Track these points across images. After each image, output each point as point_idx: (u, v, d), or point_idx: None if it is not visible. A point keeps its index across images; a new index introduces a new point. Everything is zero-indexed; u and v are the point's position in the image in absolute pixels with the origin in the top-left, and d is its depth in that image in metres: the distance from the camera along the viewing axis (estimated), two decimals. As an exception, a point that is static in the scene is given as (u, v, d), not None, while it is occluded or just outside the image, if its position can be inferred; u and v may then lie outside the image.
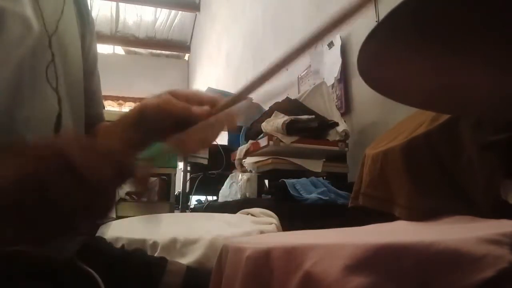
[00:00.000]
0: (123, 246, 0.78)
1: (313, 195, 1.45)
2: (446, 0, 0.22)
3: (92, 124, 0.65)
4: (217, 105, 0.52)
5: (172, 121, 0.51)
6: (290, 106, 1.83)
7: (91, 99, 0.65)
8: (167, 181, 2.71)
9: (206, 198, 2.63)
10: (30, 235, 0.34)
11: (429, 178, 0.80)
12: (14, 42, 0.45)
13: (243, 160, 1.90)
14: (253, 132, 1.95)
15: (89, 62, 0.65)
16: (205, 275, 0.62)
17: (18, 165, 0.33)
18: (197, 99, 0.53)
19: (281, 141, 1.63)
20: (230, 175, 2.00)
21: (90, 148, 0.37)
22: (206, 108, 0.51)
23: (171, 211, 2.52)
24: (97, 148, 0.38)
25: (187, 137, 0.51)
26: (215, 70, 5.31)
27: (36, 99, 0.48)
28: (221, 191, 2.03)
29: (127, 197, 2.68)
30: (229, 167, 2.26)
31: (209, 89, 2.90)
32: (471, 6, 0.22)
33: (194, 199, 2.65)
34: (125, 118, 0.56)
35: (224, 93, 2.95)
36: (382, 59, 0.28)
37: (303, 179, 1.55)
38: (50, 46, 0.51)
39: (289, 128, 1.63)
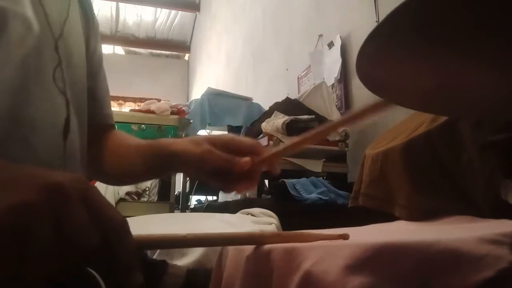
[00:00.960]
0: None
1: (313, 195, 1.45)
2: (446, 1, 0.22)
3: (98, 124, 0.65)
4: (257, 153, 0.55)
5: (212, 170, 0.53)
6: (290, 106, 1.83)
7: (96, 99, 0.65)
8: (167, 181, 2.71)
9: (206, 198, 2.63)
10: None
11: (429, 178, 0.80)
12: (16, 42, 0.45)
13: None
14: (253, 132, 1.95)
15: (94, 63, 0.65)
16: (205, 276, 0.62)
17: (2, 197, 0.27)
18: (236, 146, 0.55)
19: (281, 141, 1.63)
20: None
21: (91, 202, 0.30)
22: (247, 160, 0.53)
23: (171, 211, 2.53)
24: (97, 204, 0.31)
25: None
26: (215, 70, 5.31)
27: (43, 100, 0.48)
28: (221, 191, 2.03)
29: (127, 197, 2.69)
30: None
31: (209, 89, 2.90)
32: (471, 7, 0.22)
33: (194, 199, 2.65)
34: (154, 153, 0.58)
35: (224, 93, 2.95)
36: (382, 61, 0.28)
37: (303, 179, 1.55)
38: (57, 49, 0.51)
39: (289, 128, 1.63)
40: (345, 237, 0.48)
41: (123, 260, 0.32)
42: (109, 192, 2.42)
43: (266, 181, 1.84)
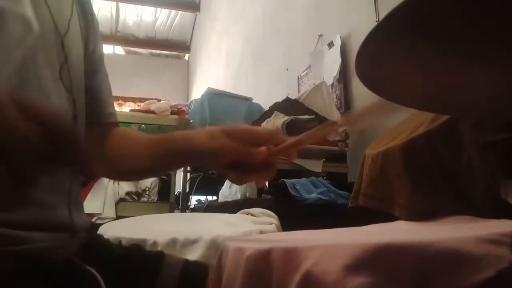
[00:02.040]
0: (120, 242, 0.78)
1: (313, 195, 1.45)
2: (446, 0, 0.22)
3: (99, 123, 0.65)
4: (275, 142, 0.54)
5: (227, 162, 0.53)
6: (290, 106, 1.83)
7: (96, 98, 0.65)
8: (167, 181, 2.71)
9: (206, 198, 2.63)
10: None
11: (429, 178, 0.80)
12: (15, 42, 0.45)
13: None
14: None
15: (93, 61, 0.65)
16: (203, 268, 0.62)
17: None
18: (253, 136, 0.54)
19: (281, 141, 1.63)
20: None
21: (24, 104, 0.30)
22: (263, 150, 0.52)
23: (171, 211, 2.52)
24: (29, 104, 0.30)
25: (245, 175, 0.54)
26: (215, 70, 5.31)
27: (44, 101, 0.48)
28: (221, 191, 2.03)
29: (127, 197, 2.69)
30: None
31: (209, 89, 2.90)
32: (470, 6, 0.22)
33: (194, 199, 2.65)
34: (166, 147, 0.57)
35: (224, 93, 2.95)
36: (381, 61, 0.28)
37: (303, 179, 1.55)
38: (63, 47, 0.51)
39: (289, 128, 1.63)
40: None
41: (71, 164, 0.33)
42: (109, 192, 2.42)
43: (266, 181, 1.84)
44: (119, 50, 7.14)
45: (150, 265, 0.61)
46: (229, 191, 1.93)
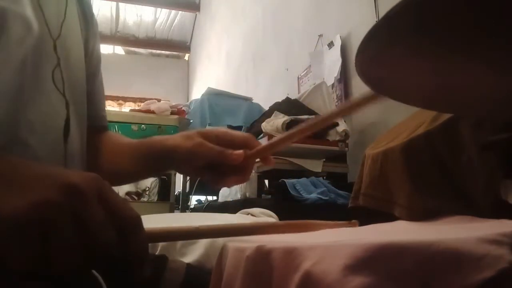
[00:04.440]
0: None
1: (313, 195, 1.45)
2: (446, 0, 0.22)
3: (94, 126, 0.65)
4: (250, 146, 0.54)
5: (204, 164, 0.52)
6: (290, 106, 1.83)
7: (92, 101, 0.65)
8: (167, 181, 2.71)
9: (206, 198, 2.63)
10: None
11: (429, 178, 0.80)
12: (16, 43, 0.45)
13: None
14: (253, 132, 1.95)
15: (92, 64, 0.65)
16: (206, 272, 0.62)
17: (26, 193, 0.29)
18: (229, 139, 0.54)
19: (281, 141, 1.63)
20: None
21: (106, 199, 0.32)
22: (240, 153, 0.52)
23: (171, 211, 2.52)
24: (113, 201, 0.32)
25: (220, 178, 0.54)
26: (215, 70, 5.31)
27: (42, 103, 0.48)
28: (221, 191, 2.03)
29: (127, 197, 2.69)
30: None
31: (209, 89, 2.90)
32: (471, 5, 0.22)
33: (194, 199, 2.65)
34: (145, 151, 0.57)
35: (224, 93, 2.95)
36: (381, 60, 0.28)
37: (303, 179, 1.55)
38: (55, 50, 0.51)
39: (289, 128, 1.63)
40: (354, 224, 0.47)
41: (136, 253, 0.33)
42: (109, 192, 2.42)
43: (266, 181, 1.84)
44: (119, 50, 7.14)
45: (153, 269, 0.61)
46: (229, 191, 1.93)
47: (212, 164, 0.54)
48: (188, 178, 2.54)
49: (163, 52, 7.29)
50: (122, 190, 2.59)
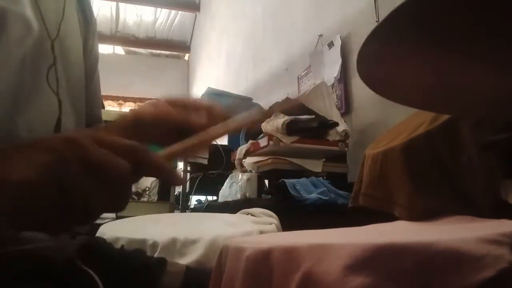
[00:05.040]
0: (122, 246, 0.78)
1: (313, 195, 1.45)
2: (446, 0, 0.22)
3: (89, 125, 0.65)
4: (214, 113, 0.54)
5: (169, 129, 0.52)
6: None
7: (89, 100, 0.65)
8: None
9: (206, 198, 2.63)
10: (45, 225, 0.32)
11: (429, 178, 0.80)
12: (15, 43, 0.45)
13: (243, 160, 1.90)
14: (253, 132, 1.95)
15: (91, 63, 0.65)
16: (205, 275, 0.62)
17: (31, 159, 0.31)
18: (194, 106, 0.55)
19: (281, 141, 1.63)
20: (230, 175, 2.00)
21: (103, 140, 0.34)
22: (203, 119, 0.53)
23: (171, 211, 2.52)
24: (109, 140, 0.35)
25: (184, 145, 0.53)
26: (215, 70, 5.31)
27: (37, 102, 0.48)
28: (221, 191, 2.03)
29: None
30: (229, 167, 2.26)
31: (209, 89, 2.90)
32: (471, 6, 0.22)
33: (194, 199, 2.65)
34: (118, 123, 0.57)
35: (224, 93, 2.95)
36: (382, 60, 0.28)
37: (303, 179, 1.55)
38: (53, 50, 0.51)
39: (289, 128, 1.63)
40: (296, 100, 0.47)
41: (155, 166, 0.36)
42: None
43: (266, 181, 1.84)
44: (119, 50, 7.13)
45: (151, 272, 0.61)
46: (229, 191, 1.93)
47: (177, 131, 0.53)
48: (188, 178, 2.54)
49: (163, 52, 7.28)
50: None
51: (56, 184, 0.30)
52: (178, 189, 2.79)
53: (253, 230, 1.03)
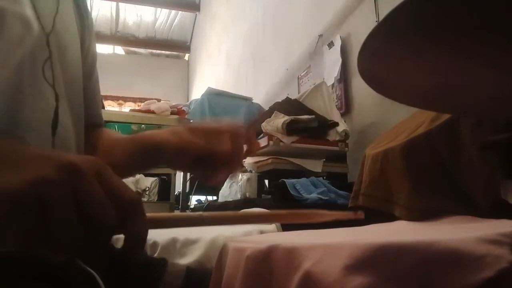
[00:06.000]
0: (123, 246, 0.77)
1: (313, 195, 1.45)
2: (446, 0, 0.22)
3: (89, 124, 0.65)
4: (237, 136, 0.54)
5: (193, 159, 0.52)
6: (290, 106, 1.83)
7: (89, 99, 0.65)
8: (167, 181, 2.71)
9: (206, 198, 2.63)
10: (21, 242, 0.30)
11: (429, 178, 0.80)
12: (14, 42, 0.45)
13: (243, 160, 1.90)
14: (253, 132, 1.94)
15: (89, 62, 0.65)
16: (205, 275, 0.62)
17: (27, 171, 0.29)
18: (216, 132, 0.54)
19: (281, 141, 1.63)
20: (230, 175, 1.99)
21: (106, 179, 0.32)
22: (227, 145, 0.52)
23: (171, 211, 2.52)
24: (113, 182, 0.32)
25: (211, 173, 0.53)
26: (215, 70, 5.31)
27: (39, 100, 0.48)
28: (221, 191, 2.03)
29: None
30: (229, 167, 2.26)
31: (209, 89, 2.90)
32: (471, 6, 0.22)
33: (194, 199, 2.65)
34: (135, 145, 0.57)
35: (224, 93, 2.95)
36: (382, 59, 0.28)
37: (303, 179, 1.55)
38: (48, 44, 0.50)
39: (289, 128, 1.63)
40: (359, 215, 0.47)
41: (136, 235, 0.33)
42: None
43: (266, 181, 1.84)
44: (119, 50, 7.13)
45: (152, 272, 0.61)
46: (229, 191, 1.93)
47: (201, 159, 0.54)
48: (188, 178, 2.54)
49: (163, 52, 7.28)
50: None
51: (41, 203, 0.28)
52: (178, 189, 2.79)
53: (253, 230, 1.03)
